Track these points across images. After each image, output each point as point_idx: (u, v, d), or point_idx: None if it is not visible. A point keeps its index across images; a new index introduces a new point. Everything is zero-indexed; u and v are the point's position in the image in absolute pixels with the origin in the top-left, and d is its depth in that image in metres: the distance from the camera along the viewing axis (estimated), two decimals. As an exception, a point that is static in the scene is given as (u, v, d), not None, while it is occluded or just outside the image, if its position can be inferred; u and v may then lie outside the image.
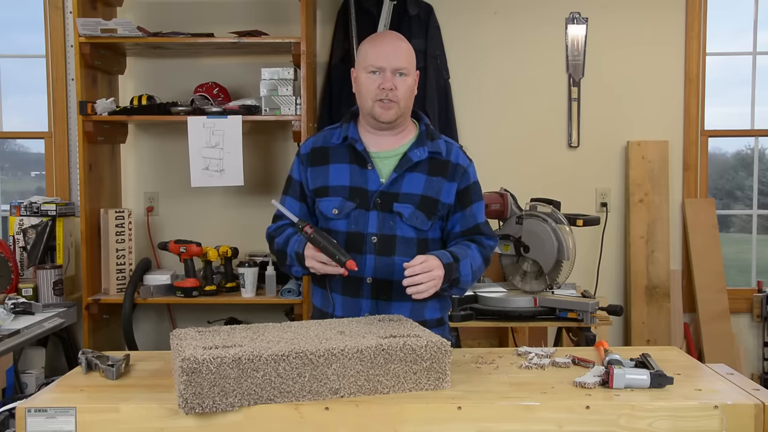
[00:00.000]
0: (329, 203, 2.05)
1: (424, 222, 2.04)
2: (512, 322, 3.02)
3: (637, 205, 3.85)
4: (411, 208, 2.03)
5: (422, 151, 2.06)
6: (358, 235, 2.03)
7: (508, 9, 3.88)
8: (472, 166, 2.13)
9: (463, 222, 2.10)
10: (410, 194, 2.03)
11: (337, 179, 2.06)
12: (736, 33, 4.10)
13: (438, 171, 2.06)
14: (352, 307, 2.05)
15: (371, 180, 2.04)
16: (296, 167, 2.14)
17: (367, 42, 2.09)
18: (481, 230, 2.11)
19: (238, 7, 3.83)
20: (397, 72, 2.01)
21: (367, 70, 2.02)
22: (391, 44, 2.04)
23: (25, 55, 4.07)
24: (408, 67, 2.02)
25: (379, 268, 2.02)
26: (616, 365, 1.67)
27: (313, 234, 1.91)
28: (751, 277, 4.06)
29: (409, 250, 2.02)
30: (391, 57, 2.00)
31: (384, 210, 2.03)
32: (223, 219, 3.89)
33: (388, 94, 2.00)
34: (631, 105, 3.90)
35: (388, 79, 2.00)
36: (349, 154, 2.07)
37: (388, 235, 2.03)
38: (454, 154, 2.10)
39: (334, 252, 1.89)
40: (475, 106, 3.90)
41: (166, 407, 1.52)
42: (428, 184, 2.04)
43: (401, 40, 2.06)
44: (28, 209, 3.60)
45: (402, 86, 2.01)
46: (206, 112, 3.43)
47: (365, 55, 2.05)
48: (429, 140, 2.09)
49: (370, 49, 2.05)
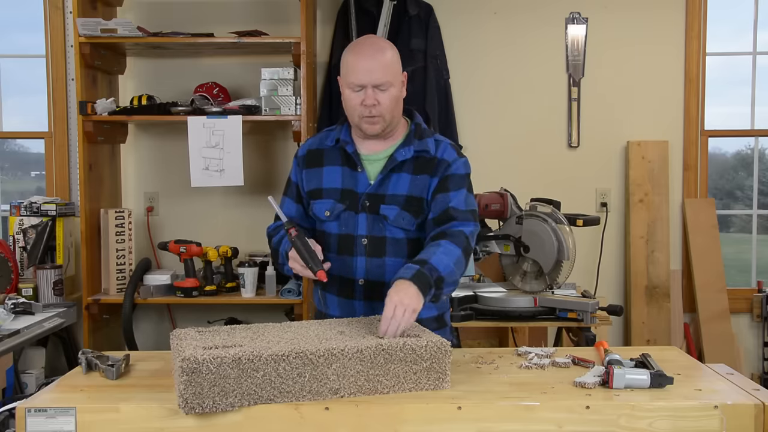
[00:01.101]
0: (322, 205, 2.06)
1: (411, 222, 2.02)
2: (512, 322, 3.02)
3: (637, 205, 3.85)
4: (396, 210, 2.01)
5: (407, 151, 2.03)
6: (348, 237, 2.03)
7: (508, 9, 3.88)
8: (459, 161, 2.05)
9: (435, 207, 2.01)
10: (396, 195, 2.02)
11: (329, 181, 2.07)
12: (736, 33, 4.10)
13: (423, 169, 2.03)
14: (347, 308, 2.06)
15: (360, 182, 2.04)
16: (294, 169, 2.16)
17: (347, 52, 2.01)
18: (451, 214, 1.99)
19: (238, 7, 3.83)
20: (378, 87, 1.94)
21: (348, 86, 1.98)
22: (369, 59, 1.95)
23: (25, 55, 4.07)
24: (390, 80, 1.95)
25: (371, 269, 2.02)
26: (616, 365, 1.67)
27: (294, 238, 1.89)
28: (751, 277, 4.06)
29: (399, 251, 2.02)
30: (371, 74, 1.93)
31: (372, 212, 2.02)
32: (223, 219, 3.89)
33: (371, 110, 1.96)
34: (631, 105, 3.90)
35: (370, 96, 1.94)
36: (341, 157, 2.07)
37: (378, 237, 2.02)
38: (441, 150, 2.05)
39: (308, 259, 1.87)
40: (475, 106, 3.90)
41: (166, 407, 1.52)
42: (413, 183, 2.02)
43: (381, 51, 1.97)
44: (28, 209, 3.60)
45: (385, 100, 1.95)
46: (206, 112, 3.43)
47: (346, 70, 1.98)
48: (417, 139, 2.05)
49: (350, 62, 1.97)
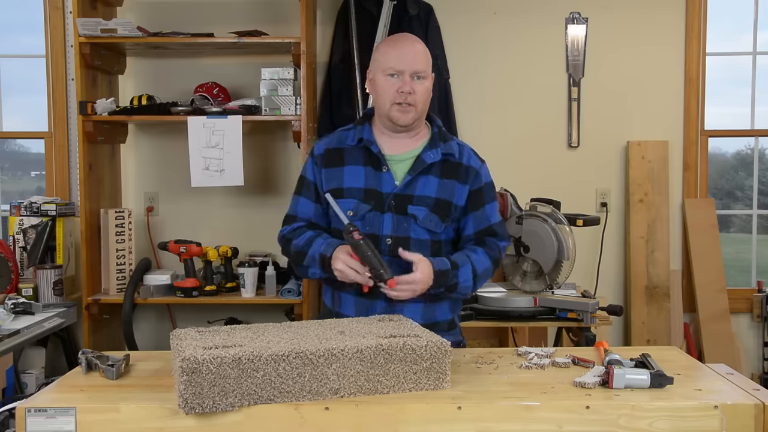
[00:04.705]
0: (344, 205, 2.03)
1: (438, 224, 2.04)
2: (512, 322, 3.02)
3: (637, 205, 3.85)
4: (425, 211, 2.03)
5: (435, 153, 2.06)
6: (372, 237, 2.02)
7: (507, 9, 3.88)
8: (484, 167, 2.13)
9: (476, 223, 2.10)
10: (424, 197, 2.04)
11: (351, 181, 2.06)
12: (736, 33, 4.10)
13: (451, 174, 2.07)
14: (365, 307, 2.05)
15: (386, 182, 2.04)
16: (310, 168, 2.13)
17: (385, 44, 2.09)
18: (494, 231, 2.11)
19: (238, 7, 3.83)
20: (416, 75, 2.00)
21: (385, 72, 2.01)
22: (410, 47, 2.03)
23: (25, 55, 4.07)
24: (426, 70, 2.02)
25: (394, 270, 2.00)
26: (616, 365, 1.67)
27: (363, 241, 1.87)
28: (751, 277, 4.07)
29: (423, 252, 2.02)
30: (411, 60, 2.00)
31: (398, 212, 2.03)
32: (223, 219, 3.89)
33: (406, 97, 1.99)
34: (631, 105, 3.90)
35: (407, 82, 1.99)
36: (364, 156, 2.07)
37: (403, 237, 2.03)
38: (467, 156, 2.11)
39: (379, 266, 1.86)
40: (475, 106, 3.90)
41: (166, 407, 1.52)
42: (441, 187, 2.05)
43: (419, 43, 2.06)
44: (28, 209, 3.60)
45: (420, 89, 2.01)
46: (206, 112, 3.43)
47: (384, 57, 2.03)
48: (442, 142, 2.09)
49: (389, 51, 2.04)
